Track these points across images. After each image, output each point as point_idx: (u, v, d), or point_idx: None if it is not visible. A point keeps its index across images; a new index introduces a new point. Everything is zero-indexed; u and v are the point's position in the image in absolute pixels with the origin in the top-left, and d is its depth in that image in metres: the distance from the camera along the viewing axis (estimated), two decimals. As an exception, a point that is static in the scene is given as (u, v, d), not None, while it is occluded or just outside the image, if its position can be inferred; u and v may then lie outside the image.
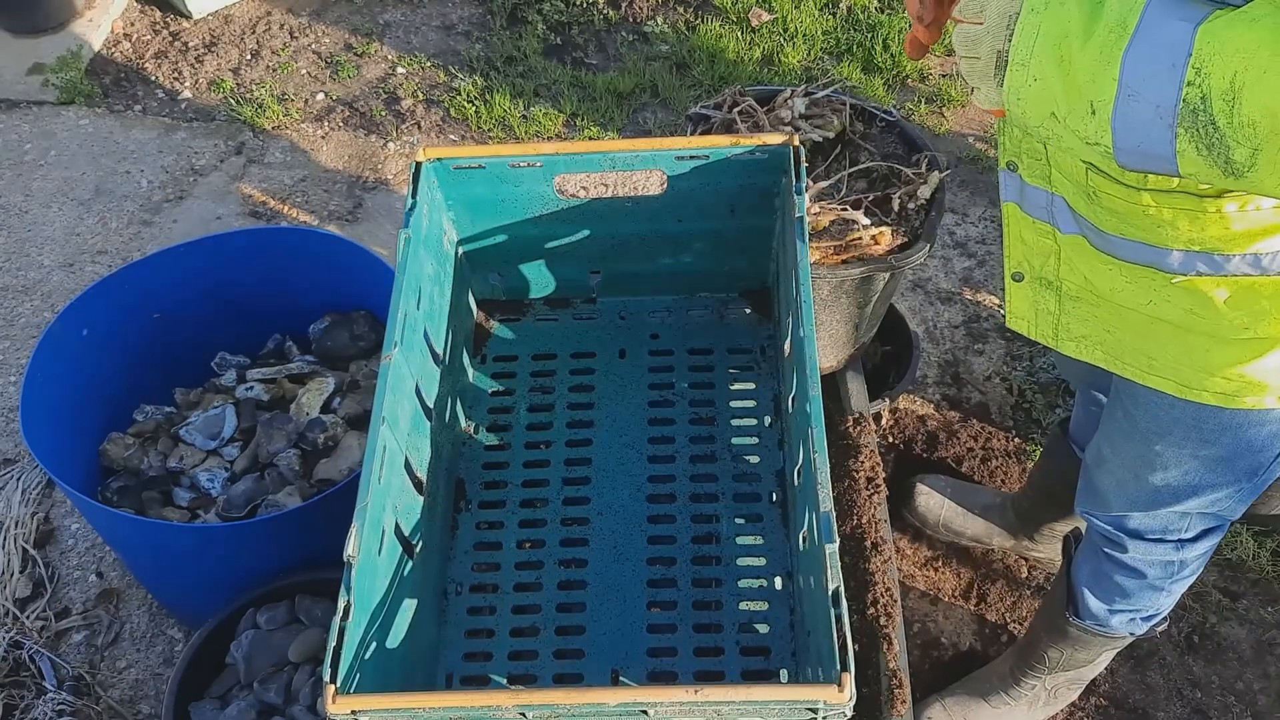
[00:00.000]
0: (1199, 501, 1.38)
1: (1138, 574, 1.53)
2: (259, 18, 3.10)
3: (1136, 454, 1.38)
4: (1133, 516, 1.47)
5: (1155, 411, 1.31)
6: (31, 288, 2.52)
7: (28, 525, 2.09)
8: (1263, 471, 1.31)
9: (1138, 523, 1.47)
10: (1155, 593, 1.56)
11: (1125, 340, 1.26)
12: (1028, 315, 1.37)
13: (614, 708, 1.01)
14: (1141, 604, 1.58)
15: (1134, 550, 1.51)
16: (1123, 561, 1.53)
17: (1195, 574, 1.54)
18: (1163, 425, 1.31)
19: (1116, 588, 1.57)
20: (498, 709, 1.02)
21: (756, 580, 1.41)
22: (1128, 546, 1.51)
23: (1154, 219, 1.09)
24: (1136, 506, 1.45)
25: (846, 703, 0.99)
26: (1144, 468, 1.38)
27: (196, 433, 1.88)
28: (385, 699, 1.03)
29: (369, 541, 1.17)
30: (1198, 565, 1.52)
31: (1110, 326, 1.27)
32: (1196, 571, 1.53)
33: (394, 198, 2.66)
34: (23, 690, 1.87)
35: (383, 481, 1.22)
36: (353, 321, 2.00)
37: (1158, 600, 1.57)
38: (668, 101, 2.86)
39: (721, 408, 1.58)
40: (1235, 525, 2.04)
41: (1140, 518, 1.46)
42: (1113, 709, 1.90)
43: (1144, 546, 1.50)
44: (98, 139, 2.82)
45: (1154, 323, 1.21)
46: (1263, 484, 1.34)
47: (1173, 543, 1.48)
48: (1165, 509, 1.42)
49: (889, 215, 1.66)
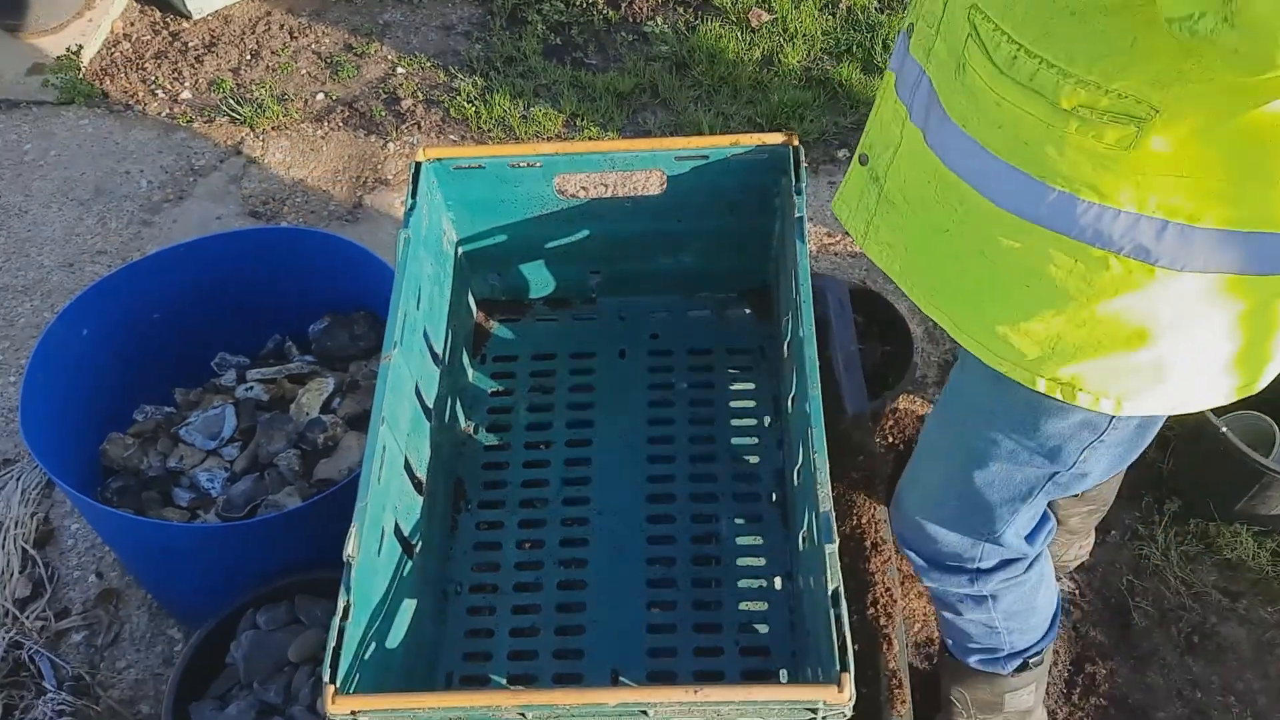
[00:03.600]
0: (985, 477, 1.30)
1: (952, 609, 1.52)
2: (259, 18, 3.10)
3: (933, 421, 1.36)
4: (925, 529, 1.43)
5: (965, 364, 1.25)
6: (31, 288, 2.52)
7: (27, 525, 2.09)
8: (1061, 457, 1.22)
9: (928, 542, 1.45)
10: (989, 630, 1.53)
11: (918, 256, 1.19)
12: (851, 203, 1.28)
13: (614, 708, 1.01)
14: (981, 640, 1.56)
15: (930, 581, 1.49)
16: (934, 594, 1.51)
17: (1023, 610, 1.51)
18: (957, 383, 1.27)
19: (947, 624, 1.56)
20: (498, 709, 1.02)
21: (756, 580, 1.41)
22: (929, 576, 1.49)
23: (1001, 115, 1.00)
24: (924, 499, 1.42)
25: (846, 703, 0.99)
26: (936, 427, 1.36)
27: (196, 433, 1.88)
28: (385, 699, 1.03)
29: (368, 541, 1.17)
30: (1015, 600, 1.49)
31: (909, 241, 1.20)
32: (1020, 608, 1.50)
33: (394, 198, 2.65)
34: (23, 690, 1.87)
35: (382, 482, 1.22)
36: (353, 321, 2.00)
37: (996, 638, 1.55)
38: (668, 102, 2.86)
39: (721, 408, 1.58)
40: (1235, 525, 2.04)
41: (929, 530, 1.43)
42: (1113, 709, 1.90)
43: (938, 575, 1.48)
44: (98, 139, 2.82)
45: (948, 243, 1.13)
46: (1068, 477, 1.27)
47: (969, 572, 1.45)
48: (949, 500, 1.37)
49: None
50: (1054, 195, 1.00)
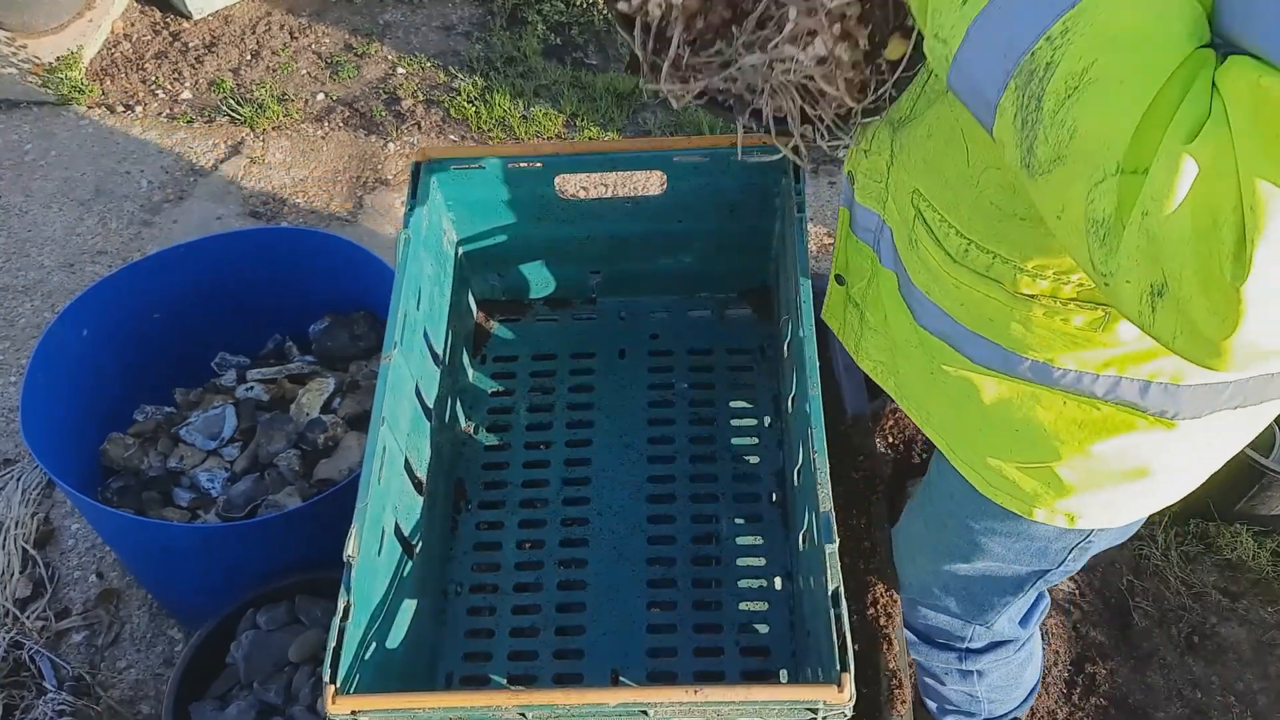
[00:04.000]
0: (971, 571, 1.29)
1: (937, 679, 1.52)
2: (259, 18, 3.10)
3: (916, 517, 1.34)
4: (916, 609, 1.43)
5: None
6: (31, 288, 2.52)
7: (28, 525, 2.09)
8: (1049, 557, 1.21)
9: (919, 619, 1.44)
10: (970, 699, 1.53)
11: (909, 383, 1.18)
12: (838, 317, 1.28)
13: (614, 708, 1.01)
14: (960, 706, 1.56)
15: (919, 655, 1.49)
16: (920, 664, 1.51)
17: (1007, 684, 1.50)
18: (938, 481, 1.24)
19: (928, 686, 1.56)
20: (498, 709, 1.02)
21: (756, 580, 1.41)
22: (917, 650, 1.48)
23: (962, 295, 0.99)
24: (913, 583, 1.41)
25: (846, 703, 0.99)
26: (919, 525, 1.34)
27: (196, 433, 1.88)
28: (385, 699, 1.03)
29: (369, 542, 1.17)
30: (1002, 676, 1.48)
31: (899, 368, 1.19)
32: (1006, 683, 1.50)
33: (394, 198, 2.65)
34: (23, 690, 1.87)
35: (382, 482, 1.22)
36: (353, 321, 2.00)
37: (975, 706, 1.55)
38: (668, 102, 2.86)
39: (721, 408, 1.58)
40: (1235, 525, 2.04)
41: (920, 610, 1.42)
42: (1113, 709, 1.90)
43: (926, 650, 1.47)
44: (98, 139, 2.82)
45: (935, 383, 1.12)
46: (1058, 574, 1.26)
47: (958, 651, 1.44)
48: (937, 589, 1.36)
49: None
50: (1028, 362, 0.97)
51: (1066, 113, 0.65)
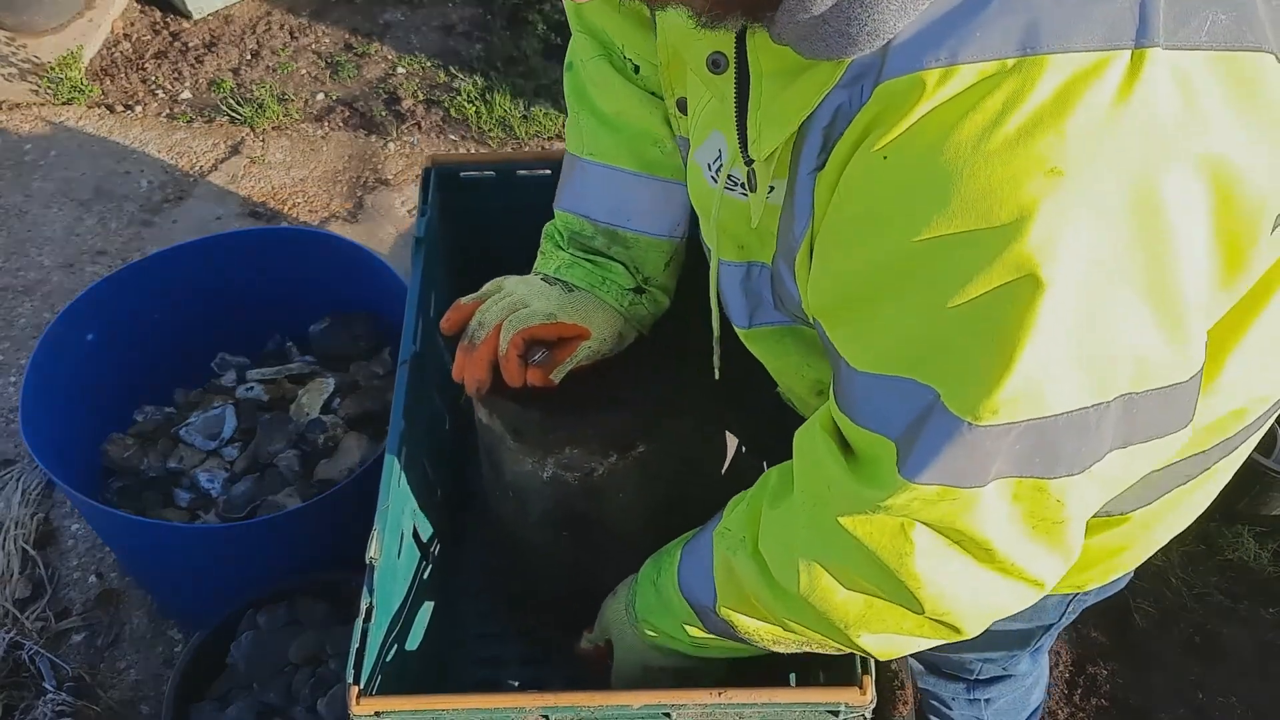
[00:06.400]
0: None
1: (944, 704, 1.52)
2: (259, 18, 3.10)
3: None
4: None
5: None
6: (31, 288, 2.52)
7: (28, 526, 2.09)
8: (1051, 613, 1.24)
9: (928, 653, 1.44)
10: None
11: None
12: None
13: (637, 710, 1.01)
14: None
15: (925, 685, 1.49)
16: (925, 689, 1.51)
17: (1014, 709, 1.51)
18: None
19: (934, 709, 1.56)
20: (521, 711, 1.02)
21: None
22: (925, 680, 1.49)
23: None
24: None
25: (868, 704, 1.00)
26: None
27: (196, 433, 1.88)
28: (409, 700, 1.03)
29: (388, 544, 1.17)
30: (1010, 702, 1.49)
31: None
32: (1013, 707, 1.50)
33: (394, 198, 2.65)
34: (23, 691, 1.87)
35: (401, 485, 1.23)
36: (353, 322, 2.00)
37: None
38: (668, 102, 2.86)
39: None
40: (1237, 526, 2.04)
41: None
42: (1114, 710, 1.90)
43: (933, 680, 1.48)
44: (98, 139, 2.81)
45: None
46: (1061, 625, 1.28)
47: (966, 682, 1.45)
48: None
49: None
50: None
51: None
